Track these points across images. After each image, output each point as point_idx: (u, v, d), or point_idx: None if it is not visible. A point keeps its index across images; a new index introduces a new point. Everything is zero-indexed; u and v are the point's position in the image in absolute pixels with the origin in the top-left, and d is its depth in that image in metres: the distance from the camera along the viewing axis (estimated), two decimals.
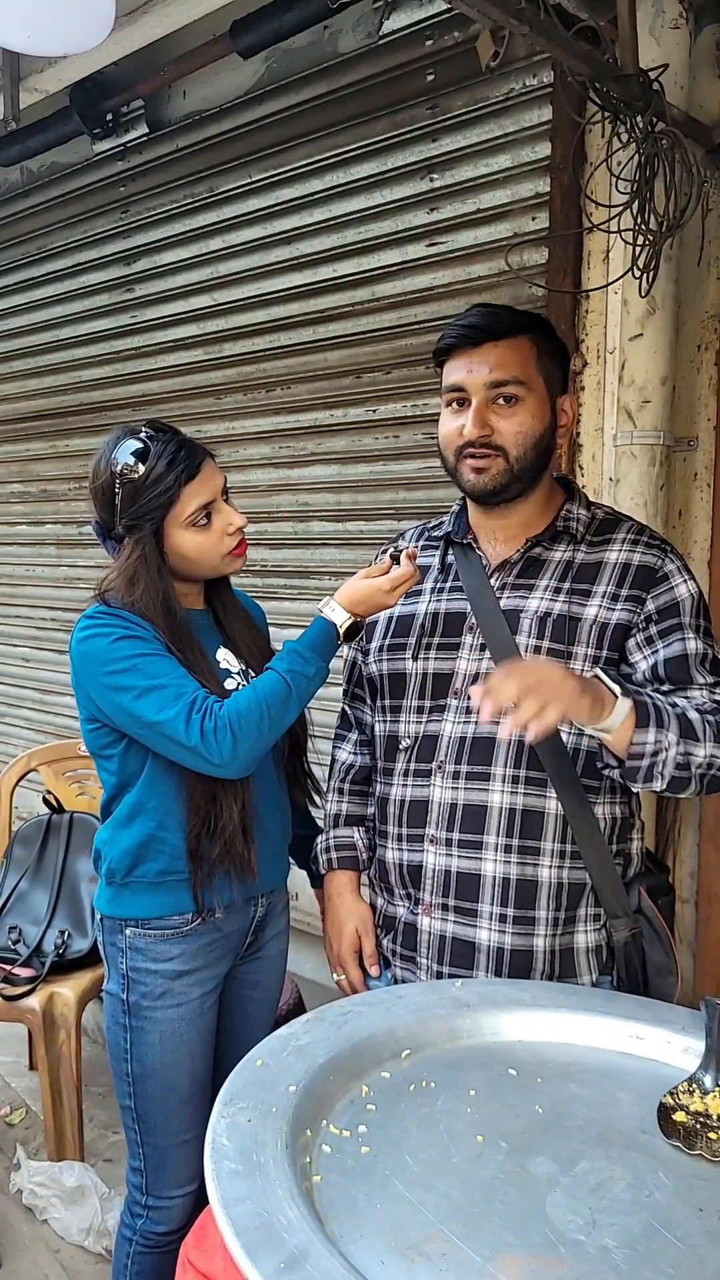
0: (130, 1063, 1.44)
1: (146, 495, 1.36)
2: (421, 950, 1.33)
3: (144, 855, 1.41)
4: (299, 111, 2.58)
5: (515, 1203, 0.82)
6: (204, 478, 1.40)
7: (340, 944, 1.44)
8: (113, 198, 3.12)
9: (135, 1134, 1.47)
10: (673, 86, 1.94)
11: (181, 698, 1.31)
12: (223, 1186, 0.75)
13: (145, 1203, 1.48)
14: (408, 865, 1.34)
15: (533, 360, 1.29)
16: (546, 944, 1.27)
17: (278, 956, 1.62)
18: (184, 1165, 1.46)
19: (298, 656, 1.37)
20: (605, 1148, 0.91)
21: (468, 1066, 1.03)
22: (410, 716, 1.37)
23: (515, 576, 1.33)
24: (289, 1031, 1.02)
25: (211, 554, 1.42)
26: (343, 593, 1.39)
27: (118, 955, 1.44)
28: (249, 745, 1.32)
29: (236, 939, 1.51)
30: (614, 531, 1.33)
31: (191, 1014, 1.45)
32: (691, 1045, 1.06)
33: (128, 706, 1.33)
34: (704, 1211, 0.83)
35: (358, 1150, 0.87)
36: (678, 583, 1.28)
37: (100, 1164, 2.25)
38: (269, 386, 2.79)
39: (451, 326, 1.32)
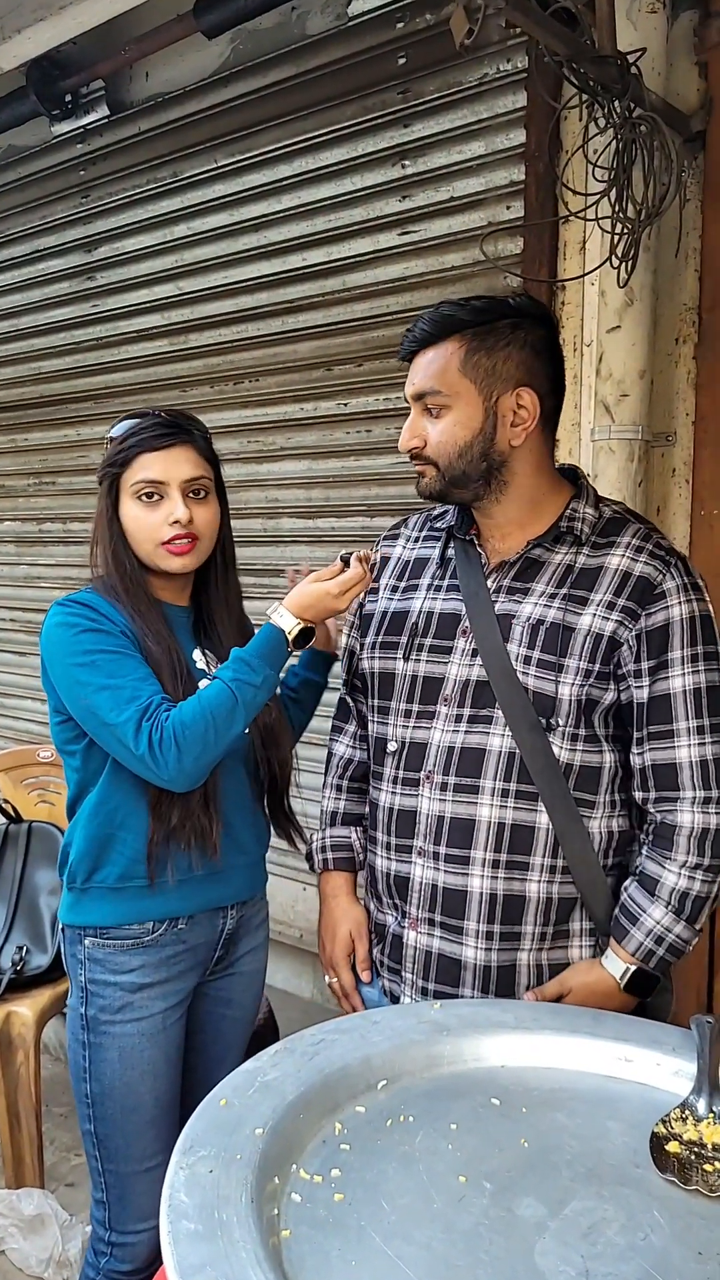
0: (89, 1082, 1.37)
1: (110, 453, 1.38)
2: (407, 965, 1.27)
3: (103, 857, 1.35)
4: (266, 94, 2.51)
5: (501, 1252, 0.76)
6: (165, 456, 1.35)
7: (334, 947, 1.39)
8: (72, 182, 3.02)
9: (96, 1161, 1.40)
10: (650, 73, 1.89)
11: (134, 702, 1.25)
12: (180, 1253, 0.68)
13: (109, 1239, 1.40)
14: (395, 876, 1.28)
15: (456, 364, 1.20)
16: (531, 959, 1.21)
17: (253, 974, 1.54)
18: (148, 1195, 1.38)
19: (244, 665, 1.30)
20: (596, 1185, 0.85)
21: (448, 1097, 0.96)
22: (398, 720, 1.30)
23: (512, 579, 1.26)
24: (255, 1065, 0.94)
25: (146, 535, 1.36)
26: (292, 597, 1.33)
27: (77, 967, 1.38)
28: (194, 759, 1.26)
29: (204, 952, 1.43)
30: (619, 534, 1.24)
31: (153, 1029, 1.37)
32: (682, 1068, 1.01)
33: (85, 700, 1.28)
34: (703, 1255, 0.77)
35: (330, 1198, 0.80)
36: (674, 603, 1.19)
37: (62, 1189, 2.16)
38: (237, 379, 2.71)
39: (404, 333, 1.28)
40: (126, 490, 1.36)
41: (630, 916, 1.19)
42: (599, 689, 1.19)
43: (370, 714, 1.37)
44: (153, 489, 1.35)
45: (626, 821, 1.26)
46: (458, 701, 1.24)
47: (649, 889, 1.19)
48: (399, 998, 1.29)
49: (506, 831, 1.20)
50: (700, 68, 2.03)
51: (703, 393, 2.01)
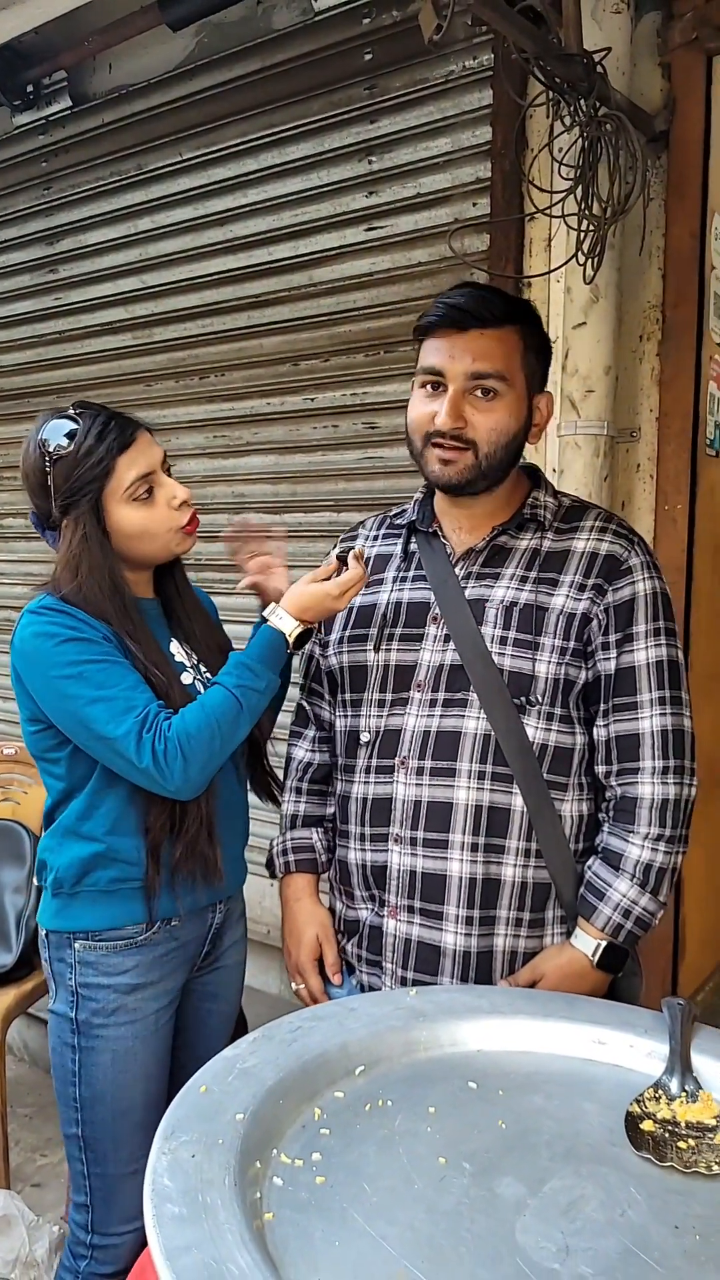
0: (79, 1087, 1.33)
1: (80, 469, 1.27)
2: (387, 954, 1.27)
3: (95, 864, 1.32)
4: (232, 88, 2.50)
5: (483, 1230, 0.76)
6: (140, 447, 1.31)
7: (300, 951, 1.37)
8: (34, 173, 2.98)
9: (82, 1164, 1.36)
10: (615, 72, 1.92)
11: (130, 712, 1.22)
12: (165, 1234, 0.68)
13: (90, 1242, 1.36)
14: (371, 866, 1.28)
15: (518, 355, 1.22)
16: (508, 944, 1.22)
17: (235, 966, 1.53)
18: (134, 1197, 1.34)
19: (247, 670, 1.29)
20: (574, 1164, 0.85)
21: (426, 1081, 0.96)
22: (372, 710, 1.30)
23: (481, 565, 1.27)
24: (234, 1053, 0.94)
25: (159, 529, 1.32)
26: (290, 599, 1.32)
27: (66, 971, 1.34)
28: (200, 767, 1.25)
29: (194, 948, 1.42)
30: (582, 519, 1.28)
31: (146, 1031, 1.35)
32: (655, 1049, 1.02)
33: (76, 714, 1.24)
34: (680, 1229, 0.78)
35: (312, 1181, 0.80)
36: (639, 579, 1.23)
37: (28, 1189, 2.13)
38: (202, 373, 2.69)
39: (437, 303, 1.23)
40: (116, 499, 1.30)
41: (596, 892, 1.21)
42: (574, 667, 1.21)
43: (341, 709, 1.37)
44: (148, 484, 1.31)
45: (594, 805, 1.28)
46: (431, 686, 1.24)
47: (613, 864, 1.21)
48: (378, 990, 1.29)
49: (484, 814, 1.21)
50: (664, 69, 2.07)
51: (666, 389, 2.05)
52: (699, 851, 2.21)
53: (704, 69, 2.01)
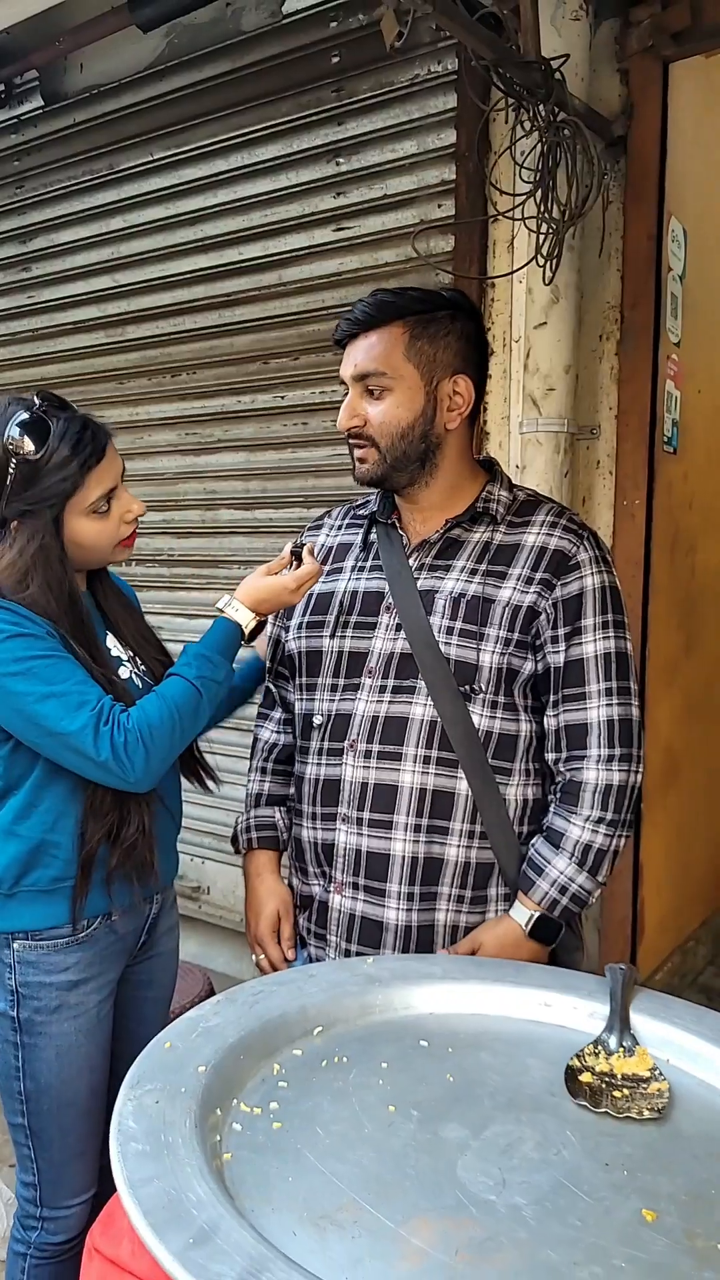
0: (23, 1080, 1.34)
1: (48, 479, 1.25)
2: (331, 928, 1.32)
3: (34, 862, 1.31)
4: (202, 89, 2.54)
5: (427, 1168, 0.82)
6: (108, 461, 1.31)
7: (259, 924, 1.42)
8: (7, 172, 3.01)
9: (28, 1150, 1.38)
10: (574, 78, 1.98)
11: (84, 707, 1.22)
12: (129, 1168, 0.73)
13: (40, 1214, 1.38)
14: (321, 844, 1.33)
15: (401, 348, 1.26)
16: (449, 919, 1.27)
17: (170, 953, 1.54)
18: (82, 1175, 1.38)
19: (206, 661, 1.31)
20: (515, 1112, 0.91)
21: (380, 1041, 1.02)
22: (324, 695, 1.35)
23: (434, 557, 1.32)
24: (198, 1014, 0.99)
25: (105, 543, 1.33)
26: (245, 591, 1.33)
27: (4, 971, 1.33)
28: (161, 759, 1.26)
29: (131, 939, 1.43)
30: (534, 514, 1.32)
31: (89, 1024, 1.36)
32: (597, 1010, 1.08)
33: (24, 711, 1.22)
34: (610, 1166, 0.84)
35: (269, 1126, 0.85)
36: (588, 573, 1.27)
37: (4, 1170, 2.17)
38: (174, 371, 2.73)
39: (342, 317, 1.32)
40: (77, 512, 1.28)
41: (536, 868, 1.26)
42: (518, 658, 1.26)
43: (298, 693, 1.41)
44: (108, 498, 1.31)
45: (540, 790, 1.32)
46: (381, 673, 1.30)
47: (554, 842, 1.26)
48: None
49: (428, 797, 1.26)
50: (621, 74, 2.13)
51: (624, 387, 2.12)
52: (657, 837, 2.30)
53: (660, 75, 2.08)
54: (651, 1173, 0.84)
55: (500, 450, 2.18)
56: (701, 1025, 1.05)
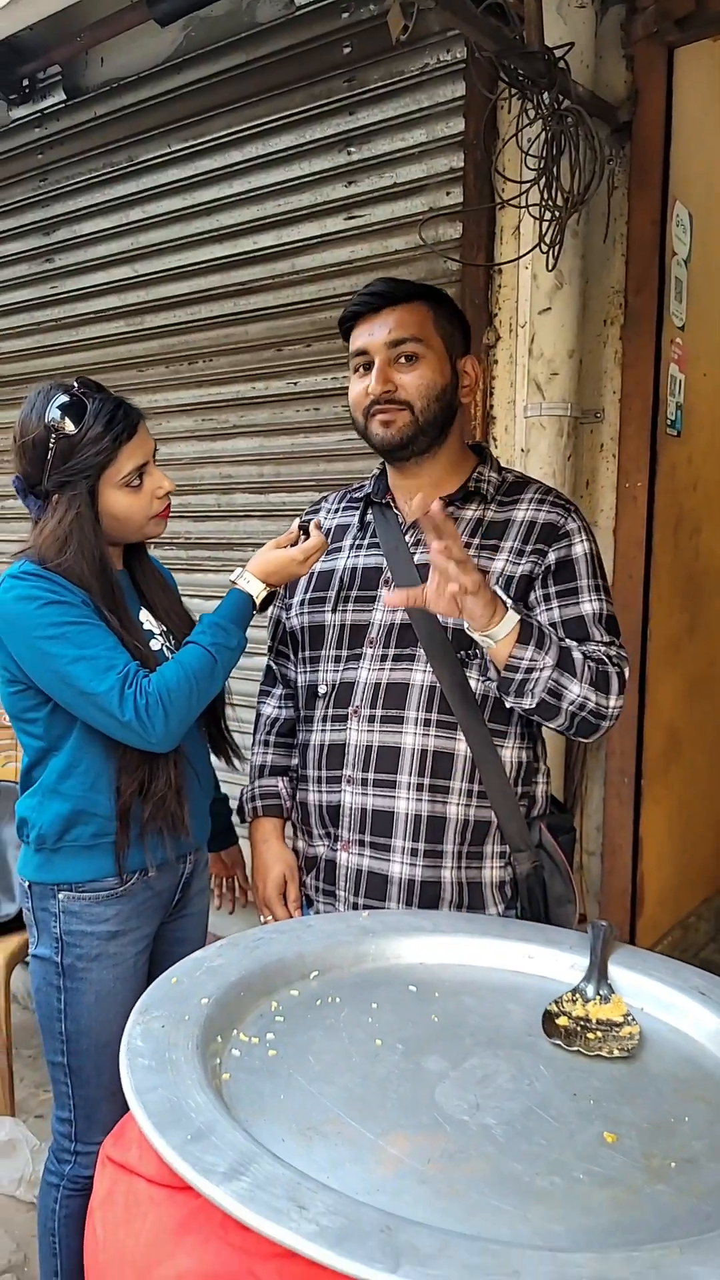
0: (64, 1022, 1.45)
1: (84, 453, 1.35)
2: (340, 884, 1.40)
3: (76, 819, 1.41)
4: (218, 81, 2.59)
5: (407, 1092, 0.89)
6: (140, 439, 1.41)
7: (266, 886, 1.50)
8: (31, 165, 3.08)
9: (66, 1087, 1.48)
10: (579, 65, 2.02)
11: (112, 670, 1.32)
12: (136, 1078, 0.81)
13: (74, 1149, 1.50)
14: (327, 806, 1.41)
15: (429, 321, 1.36)
16: (453, 875, 1.35)
17: (201, 913, 1.65)
18: (114, 1114, 1.47)
19: (220, 629, 1.40)
20: (493, 1048, 0.99)
21: (371, 985, 1.10)
22: (329, 665, 1.43)
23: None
24: (203, 955, 1.08)
25: (139, 516, 1.43)
26: (256, 564, 1.42)
27: (50, 920, 1.44)
28: (179, 720, 1.35)
29: (167, 896, 1.53)
30: (522, 492, 1.41)
31: (126, 973, 1.47)
32: (578, 962, 1.15)
33: (59, 673, 1.33)
34: (577, 1096, 0.92)
35: (265, 1054, 0.93)
36: (577, 541, 1.36)
37: (31, 1120, 2.28)
38: (191, 359, 2.80)
39: (354, 297, 1.40)
40: (111, 484, 1.39)
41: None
42: None
43: (301, 665, 1.49)
44: (140, 472, 1.41)
45: (532, 754, 1.40)
46: (382, 643, 1.37)
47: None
48: None
49: (429, 758, 1.33)
50: (627, 60, 2.16)
51: (628, 372, 2.15)
52: (659, 813, 2.35)
53: (665, 61, 2.11)
54: (616, 1103, 0.91)
55: (505, 434, 2.23)
56: (676, 977, 1.12)
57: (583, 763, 2.23)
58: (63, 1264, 1.50)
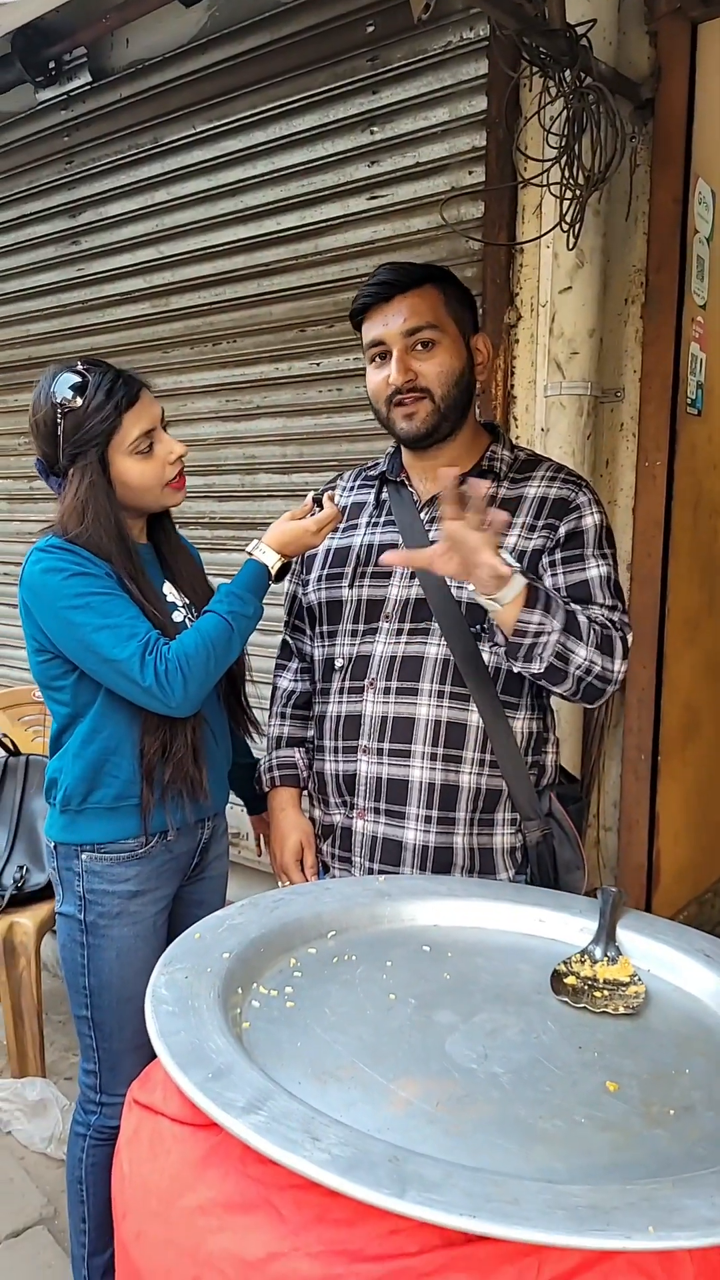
0: (87, 977, 1.52)
1: (89, 423, 1.40)
2: (356, 850, 1.44)
3: (98, 781, 1.47)
4: (241, 61, 2.61)
5: (419, 1043, 0.94)
6: (143, 405, 1.45)
7: (284, 853, 1.55)
8: (57, 148, 3.11)
9: (91, 1040, 1.55)
10: (601, 42, 2.01)
11: (134, 638, 1.37)
12: (160, 1022, 0.86)
13: (99, 1100, 1.57)
14: (343, 775, 1.45)
15: (442, 304, 1.38)
16: (465, 842, 1.39)
17: (220, 877, 1.71)
18: (137, 1066, 1.53)
19: (236, 598, 1.45)
20: (502, 1004, 1.03)
21: (387, 945, 1.14)
22: (345, 639, 1.47)
23: None
24: (225, 913, 1.12)
25: (154, 483, 1.47)
26: (271, 535, 1.47)
27: (73, 879, 1.50)
28: (198, 685, 1.40)
29: (185, 860, 1.59)
30: (534, 470, 1.43)
31: (146, 931, 1.53)
32: (587, 926, 1.19)
33: (83, 641, 1.38)
34: (583, 1049, 0.95)
35: (283, 1005, 0.98)
36: (587, 513, 1.39)
37: (61, 1082, 2.36)
38: (215, 340, 2.83)
39: (363, 288, 1.41)
40: (120, 452, 1.43)
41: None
42: None
43: (319, 640, 1.53)
44: (150, 439, 1.45)
45: (542, 724, 1.44)
46: (398, 618, 1.41)
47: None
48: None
49: (442, 728, 1.37)
50: (650, 37, 2.15)
51: (648, 350, 2.16)
52: (676, 788, 2.37)
53: (688, 37, 2.10)
54: (619, 1055, 0.95)
55: (525, 413, 2.24)
56: (682, 940, 1.15)
57: (600, 739, 2.26)
58: (90, 1210, 1.57)
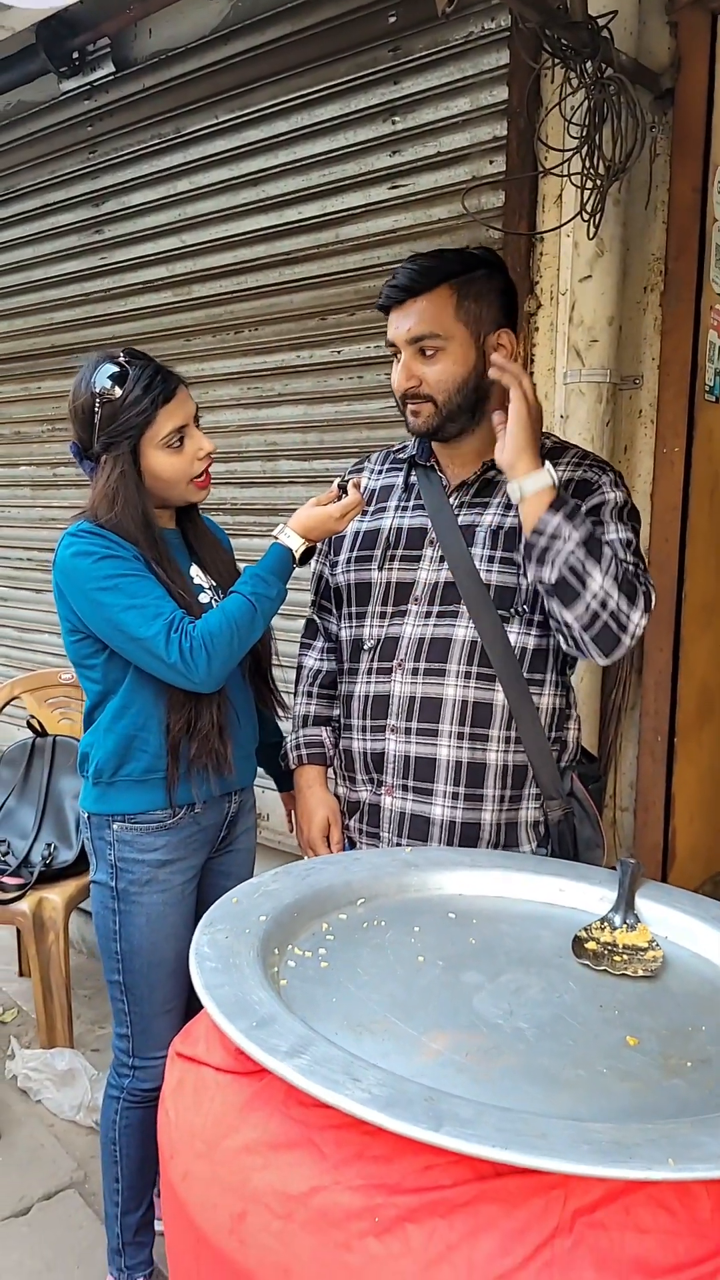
0: (119, 942, 1.59)
1: (125, 415, 1.47)
2: (384, 826, 1.49)
3: (128, 755, 1.54)
4: (264, 52, 2.63)
5: (447, 1000, 0.99)
6: (178, 402, 1.52)
7: (311, 829, 1.60)
8: (80, 137, 3.15)
9: (123, 1004, 1.62)
10: (622, 33, 2.03)
11: (159, 617, 1.44)
12: (205, 976, 0.91)
13: (132, 1063, 1.64)
14: (371, 753, 1.50)
15: (450, 309, 1.39)
16: (493, 818, 1.43)
17: (247, 851, 1.78)
18: (167, 1029, 1.62)
19: (260, 580, 1.51)
20: (526, 966, 1.08)
21: (414, 912, 1.19)
22: (374, 621, 1.51)
23: (472, 496, 1.47)
24: (259, 880, 1.17)
25: (181, 476, 1.54)
26: (296, 520, 1.53)
27: (106, 848, 1.58)
28: (221, 663, 1.46)
29: (213, 832, 1.66)
30: (561, 456, 1.46)
31: (175, 899, 1.60)
32: (607, 895, 1.23)
33: (111, 620, 1.45)
34: (604, 1007, 1.00)
35: (318, 965, 1.03)
36: (609, 491, 1.42)
37: (88, 1053, 2.43)
38: (237, 328, 2.87)
39: (385, 284, 1.44)
40: (152, 445, 1.50)
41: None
42: None
43: (347, 620, 1.58)
44: (181, 434, 1.52)
45: (565, 701, 1.48)
46: (427, 600, 1.45)
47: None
48: None
49: (469, 708, 1.41)
50: (671, 27, 2.16)
51: (667, 338, 2.18)
52: (691, 769, 2.41)
53: (709, 28, 2.11)
54: (639, 1013, 0.99)
55: (546, 400, 2.27)
56: (698, 909, 1.19)
57: (618, 721, 2.30)
58: (123, 1170, 1.64)
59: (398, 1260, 0.73)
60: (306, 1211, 0.78)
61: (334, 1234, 0.76)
